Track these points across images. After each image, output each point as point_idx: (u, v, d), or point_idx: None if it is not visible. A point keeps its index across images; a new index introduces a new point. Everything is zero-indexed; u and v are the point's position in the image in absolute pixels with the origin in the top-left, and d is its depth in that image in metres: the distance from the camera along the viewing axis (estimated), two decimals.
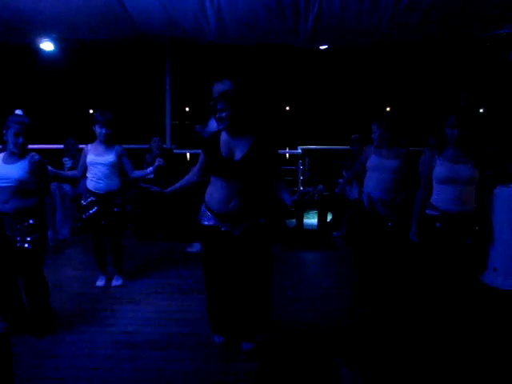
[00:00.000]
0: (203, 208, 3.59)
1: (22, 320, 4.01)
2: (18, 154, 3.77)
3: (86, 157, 4.91)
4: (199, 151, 3.68)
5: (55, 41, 7.11)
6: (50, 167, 4.67)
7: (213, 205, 3.49)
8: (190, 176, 3.79)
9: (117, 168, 4.95)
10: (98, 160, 4.86)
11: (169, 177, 6.89)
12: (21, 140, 3.72)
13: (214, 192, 3.48)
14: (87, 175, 4.95)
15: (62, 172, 5.46)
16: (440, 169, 3.82)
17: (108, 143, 4.90)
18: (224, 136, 3.48)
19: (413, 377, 3.37)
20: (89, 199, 4.93)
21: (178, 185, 3.86)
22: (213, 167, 3.46)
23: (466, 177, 3.74)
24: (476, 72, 8.37)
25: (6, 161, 3.79)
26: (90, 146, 4.97)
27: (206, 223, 3.55)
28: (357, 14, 5.66)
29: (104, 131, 4.82)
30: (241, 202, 3.41)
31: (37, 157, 3.86)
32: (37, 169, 3.82)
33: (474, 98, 8.52)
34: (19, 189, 3.74)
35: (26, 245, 3.79)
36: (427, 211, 3.93)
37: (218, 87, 5.57)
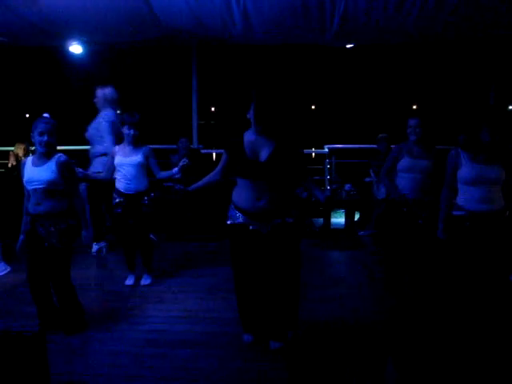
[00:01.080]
0: (231, 208, 3.61)
1: (55, 318, 4.09)
2: (45, 153, 3.83)
3: (113, 158, 4.98)
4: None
5: (84, 43, 7.21)
6: (80, 169, 4.75)
7: (242, 204, 3.50)
8: (213, 175, 3.81)
9: (144, 168, 5.01)
10: (125, 161, 4.93)
11: (196, 176, 6.94)
12: (45, 138, 3.78)
13: (242, 192, 3.50)
14: (116, 176, 5.03)
15: (91, 174, 5.55)
16: (465, 170, 3.78)
17: (135, 144, 4.97)
18: (248, 136, 3.49)
19: (447, 376, 3.34)
20: (118, 200, 5.01)
21: (200, 183, 3.88)
22: (238, 168, 3.48)
23: (492, 178, 3.70)
24: (505, 68, 8.23)
25: (35, 163, 3.87)
26: (117, 147, 5.05)
27: (234, 221, 3.58)
28: (383, 12, 5.61)
29: (132, 132, 4.89)
30: (269, 201, 3.43)
31: (63, 157, 3.91)
32: (64, 169, 3.88)
33: (503, 94, 8.37)
34: (49, 190, 3.82)
35: (56, 244, 3.87)
36: (453, 212, 3.89)
37: (104, 91, 5.82)
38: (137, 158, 4.94)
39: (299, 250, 3.68)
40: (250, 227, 3.51)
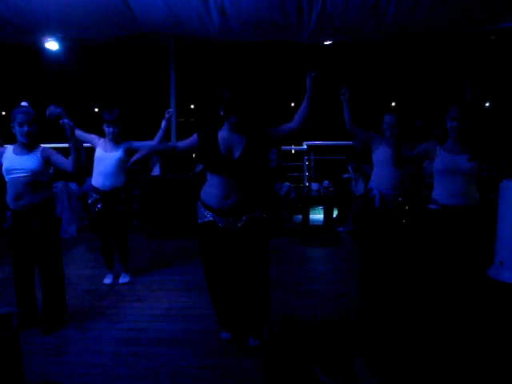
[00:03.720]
0: (200, 206, 3.57)
1: (34, 316, 4.06)
2: (27, 144, 3.78)
3: (96, 146, 4.95)
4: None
5: (60, 40, 7.12)
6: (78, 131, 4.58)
7: (211, 201, 3.47)
8: (173, 145, 3.73)
9: (123, 164, 4.97)
10: (105, 155, 4.88)
11: (176, 173, 6.92)
12: (26, 129, 3.73)
13: (211, 190, 3.46)
14: (93, 172, 4.97)
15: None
16: (440, 159, 3.84)
17: (117, 141, 4.92)
18: (223, 132, 3.46)
19: (422, 373, 3.38)
20: (94, 197, 4.96)
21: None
22: (211, 165, 3.44)
23: (465, 168, 3.74)
24: (482, 65, 8.32)
25: (17, 152, 3.82)
26: (102, 140, 4.97)
27: (203, 220, 3.55)
28: (360, 9, 5.64)
29: (112, 130, 4.85)
30: (239, 198, 3.42)
31: (48, 149, 3.88)
32: (49, 160, 3.84)
33: (479, 91, 8.47)
34: (32, 181, 3.76)
35: (44, 235, 3.86)
36: (429, 206, 3.94)
37: None
38: (117, 153, 4.89)
39: (267, 245, 3.65)
40: (219, 224, 3.49)
